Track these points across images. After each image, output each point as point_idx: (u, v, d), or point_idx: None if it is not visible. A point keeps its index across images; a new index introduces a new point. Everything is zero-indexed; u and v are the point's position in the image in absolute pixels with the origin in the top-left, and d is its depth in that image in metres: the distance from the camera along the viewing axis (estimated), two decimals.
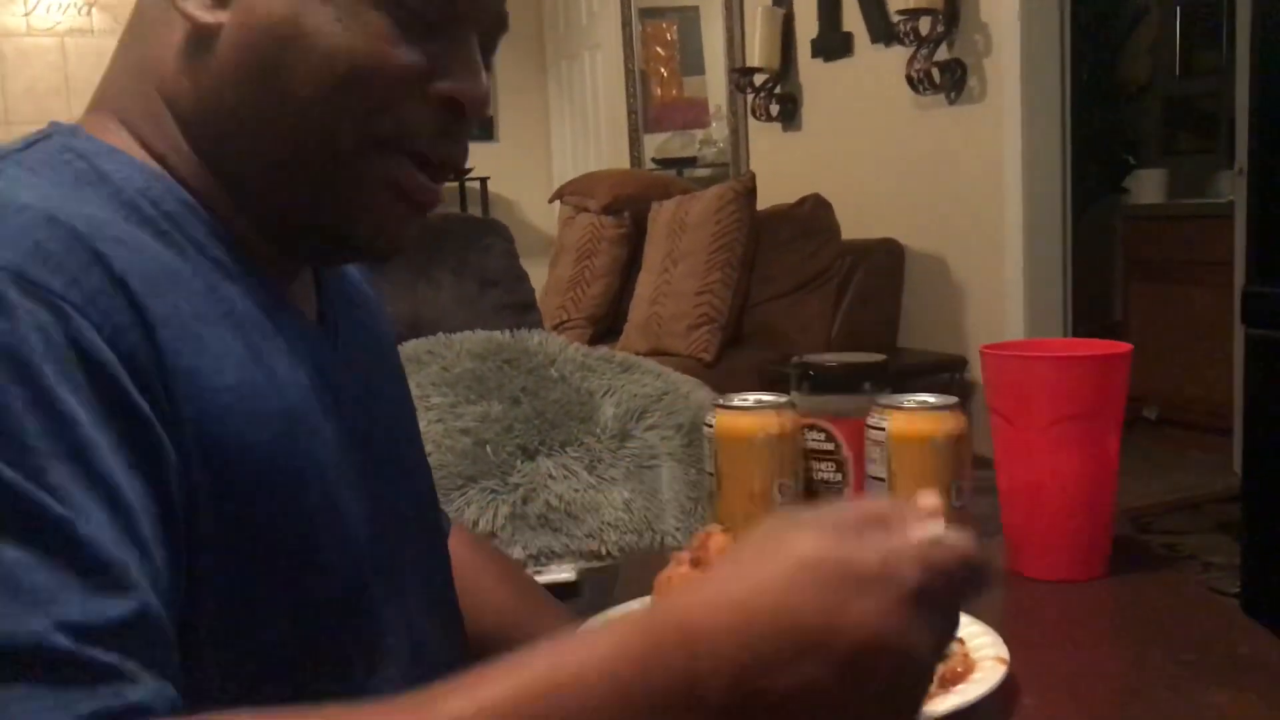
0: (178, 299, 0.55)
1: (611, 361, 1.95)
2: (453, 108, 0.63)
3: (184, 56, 0.62)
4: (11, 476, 0.45)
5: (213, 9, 0.61)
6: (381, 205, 0.63)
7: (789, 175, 3.87)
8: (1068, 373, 0.87)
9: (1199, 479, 3.78)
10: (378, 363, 0.76)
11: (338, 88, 0.60)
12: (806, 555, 0.46)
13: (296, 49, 0.60)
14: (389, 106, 0.61)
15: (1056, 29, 3.18)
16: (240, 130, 0.62)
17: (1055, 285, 3.25)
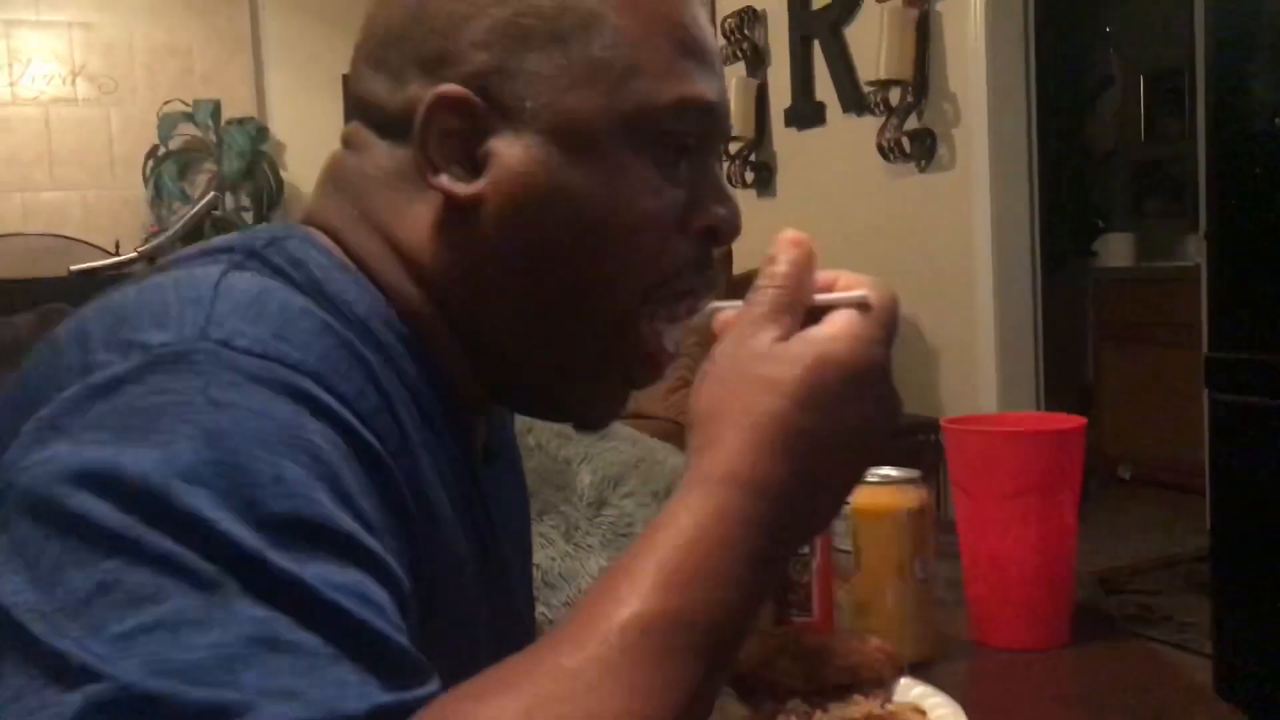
0: (408, 427, 0.56)
1: None
2: (709, 237, 0.63)
3: (438, 229, 0.60)
4: (306, 578, 0.44)
5: (468, 181, 0.59)
6: (656, 349, 0.63)
7: (764, 241, 3.90)
8: (1024, 447, 0.91)
9: (1173, 538, 3.81)
10: (518, 496, 0.76)
11: (613, 245, 0.59)
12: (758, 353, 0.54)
13: (566, 212, 0.59)
14: (663, 251, 0.60)
15: (1023, 98, 3.26)
16: (502, 299, 0.60)
17: (1027, 348, 3.30)
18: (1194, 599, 3.21)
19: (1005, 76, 3.22)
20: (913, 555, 0.89)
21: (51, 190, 5.13)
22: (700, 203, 0.62)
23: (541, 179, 0.58)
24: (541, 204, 0.59)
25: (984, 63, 3.19)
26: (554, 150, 0.58)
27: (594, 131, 0.59)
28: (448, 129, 0.59)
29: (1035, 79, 3.28)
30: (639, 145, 0.59)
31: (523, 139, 0.59)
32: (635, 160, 0.59)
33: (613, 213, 0.59)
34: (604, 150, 0.59)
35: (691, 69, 0.60)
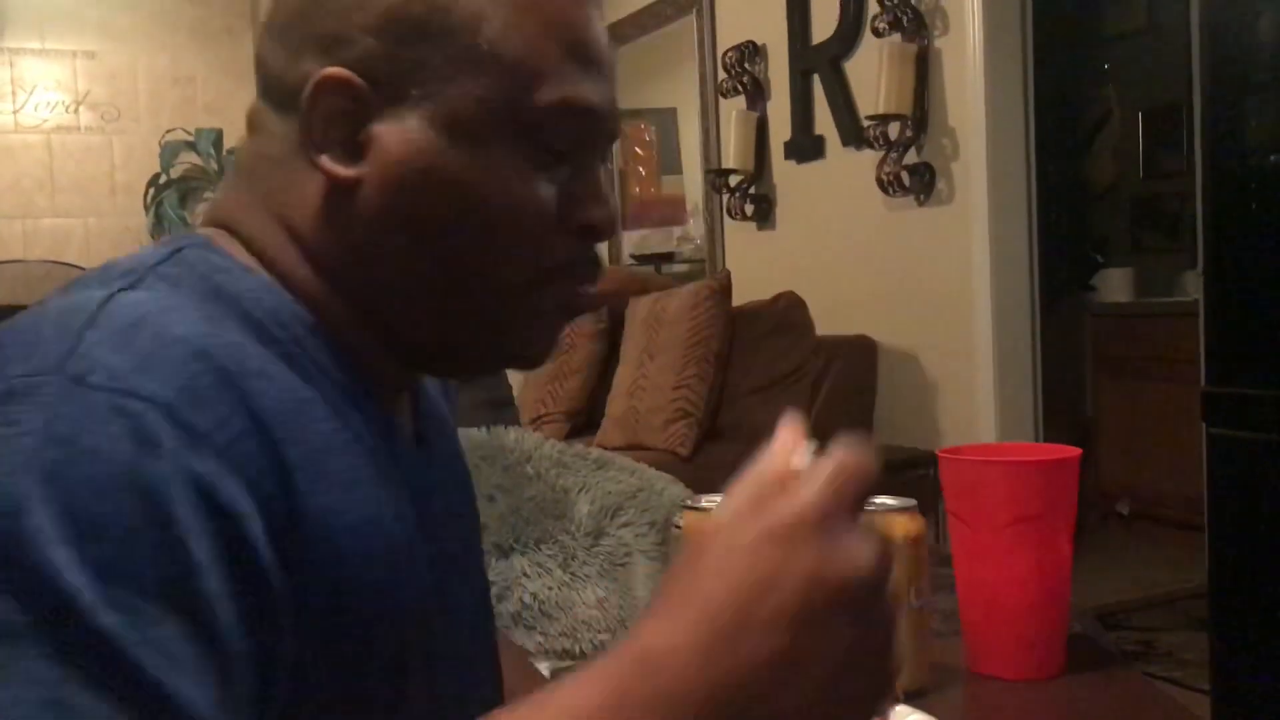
0: (309, 433, 0.55)
1: (586, 458, 1.97)
2: (588, 235, 0.65)
3: (323, 208, 0.62)
4: (114, 628, 0.43)
5: (349, 163, 0.61)
6: (543, 328, 0.66)
7: (764, 273, 3.94)
8: (1019, 477, 0.91)
9: (1172, 575, 3.80)
10: (457, 479, 0.76)
11: (492, 233, 0.61)
12: (729, 543, 0.46)
13: (445, 199, 0.60)
14: (542, 244, 0.62)
15: (1022, 133, 3.28)
16: (396, 276, 0.62)
17: (1025, 382, 3.30)
18: (1193, 635, 3.20)
19: (1004, 111, 3.24)
20: (908, 584, 0.88)
21: (53, 217, 5.15)
22: (578, 202, 0.64)
23: (420, 164, 0.60)
24: (419, 189, 0.60)
25: (983, 98, 3.21)
26: (434, 138, 0.60)
27: (474, 122, 0.60)
28: (332, 109, 0.60)
29: (1034, 114, 3.31)
30: (517, 140, 0.61)
31: (405, 124, 0.60)
32: (513, 154, 0.61)
33: (487, 201, 0.61)
34: (483, 141, 0.60)
35: (577, 72, 0.62)
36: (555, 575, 1.68)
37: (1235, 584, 2.14)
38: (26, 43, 5.16)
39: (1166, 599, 3.61)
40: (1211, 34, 2.16)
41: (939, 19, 3.34)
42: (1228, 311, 2.15)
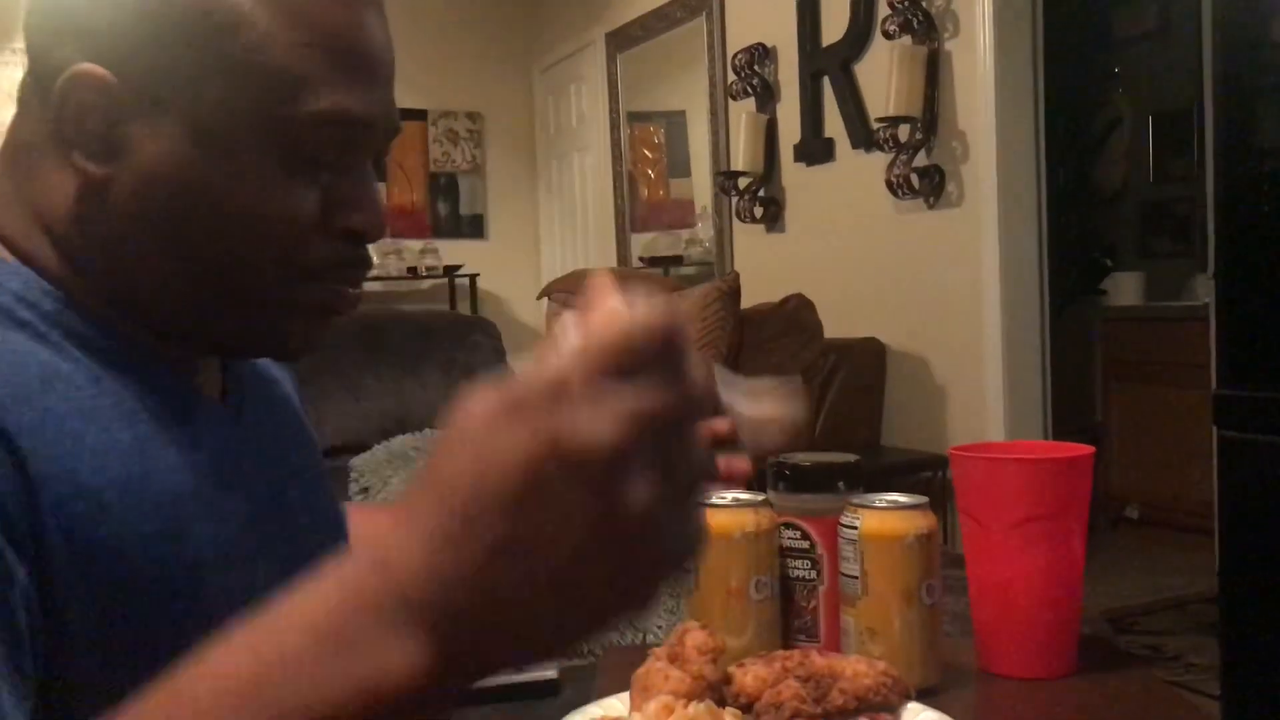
0: (52, 401, 0.56)
1: None
2: (353, 238, 0.65)
3: (73, 204, 0.62)
4: None
5: (101, 162, 0.61)
6: (301, 323, 0.66)
7: (772, 275, 3.94)
8: (1032, 475, 0.91)
9: (1182, 579, 3.79)
10: (285, 432, 0.77)
11: (243, 241, 0.62)
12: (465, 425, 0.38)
13: (195, 207, 0.61)
14: (296, 250, 0.63)
15: (1031, 136, 3.28)
16: (144, 273, 0.63)
17: (1034, 386, 3.30)
18: (1203, 640, 3.19)
19: (1014, 115, 3.24)
20: (920, 581, 0.89)
21: None
22: (341, 206, 0.64)
23: (168, 170, 0.60)
24: (169, 194, 0.61)
25: (993, 101, 3.21)
26: (186, 143, 0.60)
27: (228, 130, 0.60)
28: (85, 104, 0.60)
29: (1044, 117, 3.30)
30: (273, 148, 0.61)
31: (159, 128, 0.60)
32: (265, 161, 0.61)
33: (234, 210, 0.61)
34: (235, 149, 0.60)
35: (342, 81, 0.61)
36: None
37: (1245, 588, 2.13)
38: None
39: (1176, 603, 3.60)
40: (1223, 37, 2.16)
41: (949, 21, 3.34)
42: (1238, 315, 2.15)
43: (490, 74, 6.08)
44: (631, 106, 5.23)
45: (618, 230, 5.33)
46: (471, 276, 5.82)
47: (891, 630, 0.89)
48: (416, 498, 0.39)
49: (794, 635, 0.96)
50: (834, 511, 0.93)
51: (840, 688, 0.76)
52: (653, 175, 5.23)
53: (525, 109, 6.22)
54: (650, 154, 5.23)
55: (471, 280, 5.83)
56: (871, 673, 0.77)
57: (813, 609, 0.95)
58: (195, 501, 0.61)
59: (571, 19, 5.71)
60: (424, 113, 5.97)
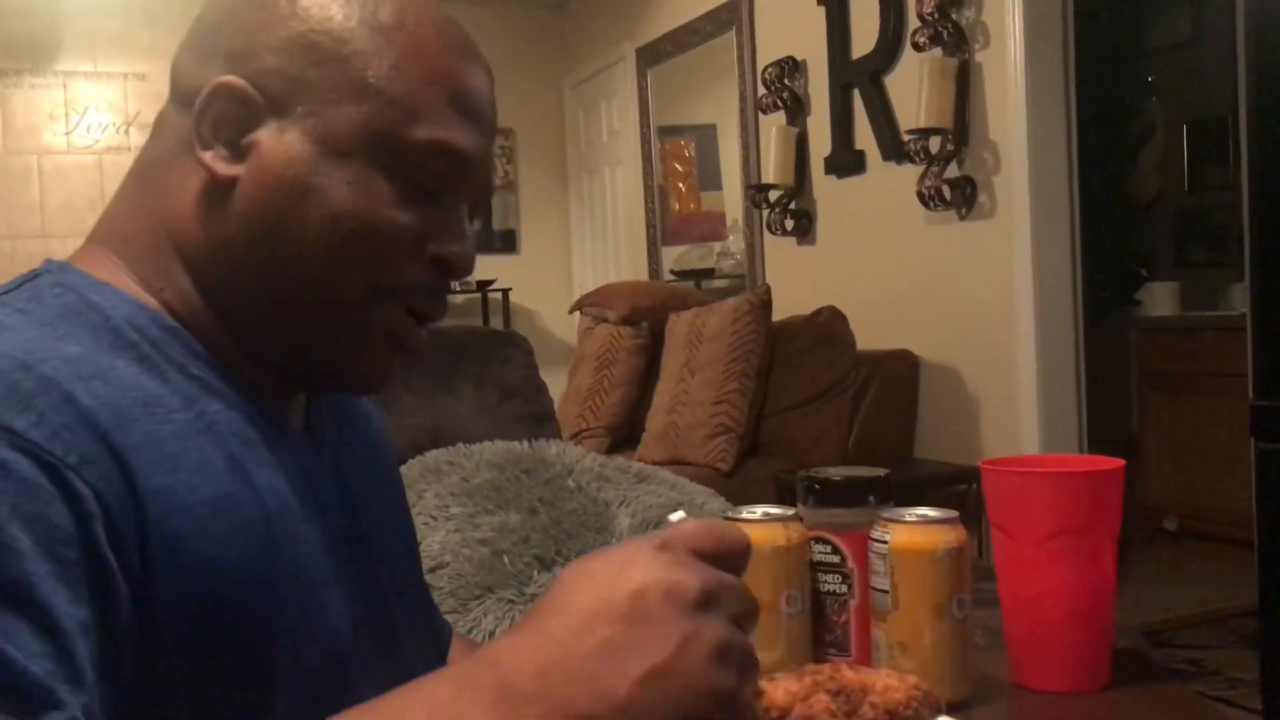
0: (153, 424, 0.60)
1: (627, 472, 1.98)
2: (441, 267, 0.69)
3: (199, 203, 0.67)
4: None
5: (230, 163, 0.66)
6: (377, 349, 0.69)
7: (804, 287, 3.94)
8: (1062, 488, 0.91)
9: (1221, 592, 3.74)
10: (368, 468, 0.80)
11: (343, 244, 0.66)
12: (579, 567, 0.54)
13: (307, 206, 0.65)
14: (389, 263, 0.67)
15: (1064, 147, 3.26)
16: (248, 276, 0.67)
17: (1069, 397, 3.27)
18: (1244, 654, 3.15)
19: (1046, 125, 3.23)
20: (951, 594, 0.89)
21: None
22: (438, 236, 0.69)
23: (290, 172, 0.66)
24: (288, 195, 0.66)
25: (1024, 111, 3.20)
26: (309, 150, 0.66)
27: (347, 142, 0.66)
28: (222, 113, 0.66)
29: (1076, 127, 3.29)
30: (388, 167, 0.67)
31: (286, 135, 0.66)
32: (380, 178, 0.66)
33: (349, 211, 0.66)
34: (355, 162, 0.66)
35: (453, 119, 0.68)
36: None
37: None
38: (79, 65, 5.27)
39: (1216, 616, 3.56)
40: (1258, 45, 2.14)
41: (980, 33, 3.33)
42: (1276, 324, 2.13)
43: (521, 90, 6.12)
44: (662, 121, 5.25)
45: (649, 244, 5.34)
46: (504, 291, 5.85)
47: (922, 644, 0.89)
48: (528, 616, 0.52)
49: (825, 649, 0.96)
50: (864, 525, 0.93)
51: (871, 701, 0.76)
52: (683, 189, 5.24)
53: (556, 124, 6.25)
54: (681, 167, 5.25)
55: (504, 295, 5.87)
56: (902, 686, 0.77)
57: (844, 623, 0.96)
58: (280, 524, 0.64)
59: (602, 35, 5.74)
60: None
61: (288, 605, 0.63)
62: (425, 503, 1.80)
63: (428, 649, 0.81)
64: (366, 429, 0.83)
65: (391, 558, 0.77)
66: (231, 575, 0.60)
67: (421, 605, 0.83)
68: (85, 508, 0.54)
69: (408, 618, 0.77)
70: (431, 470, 1.89)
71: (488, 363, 2.31)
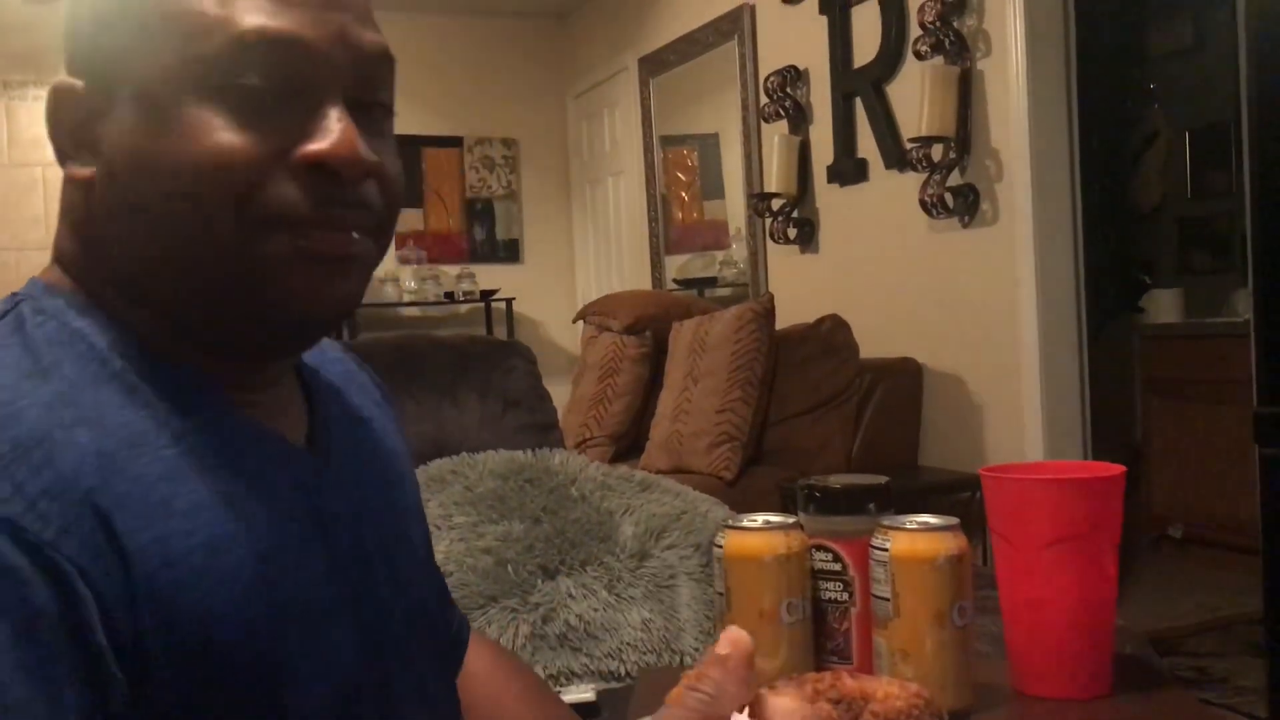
0: (142, 466, 0.57)
1: (631, 481, 1.99)
2: (324, 171, 0.62)
3: (85, 213, 0.65)
4: None
5: (86, 164, 0.63)
6: (291, 275, 0.62)
7: (807, 296, 3.94)
8: (1062, 495, 0.91)
9: (1227, 599, 3.73)
10: (377, 476, 0.76)
11: (199, 195, 0.60)
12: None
13: (152, 175, 0.61)
14: (249, 188, 0.60)
15: (1066, 154, 3.27)
16: (149, 267, 0.63)
17: (1073, 405, 3.27)
18: (1250, 661, 3.14)
19: (1048, 132, 3.23)
20: (952, 602, 0.89)
21: None
22: (295, 138, 0.61)
23: (128, 146, 0.61)
24: (133, 172, 0.61)
25: (1026, 119, 3.20)
26: (138, 119, 0.61)
27: (163, 91, 0.60)
28: (65, 117, 0.64)
29: (1078, 134, 3.29)
30: (207, 93, 0.60)
31: (118, 116, 0.62)
32: (204, 110, 0.60)
33: (188, 163, 0.60)
34: (174, 106, 0.60)
35: (259, 8, 0.60)
36: (600, 597, 1.69)
37: None
38: None
39: (1222, 624, 3.55)
40: (1260, 51, 2.14)
41: (981, 41, 3.34)
42: (1278, 330, 2.13)
43: (524, 101, 6.14)
44: (664, 130, 5.26)
45: (652, 253, 5.35)
46: (507, 301, 5.86)
47: (923, 652, 0.89)
48: None
49: (826, 657, 0.96)
50: (865, 533, 0.93)
51: (872, 710, 0.76)
52: (686, 198, 5.25)
53: (559, 135, 6.27)
54: (684, 177, 5.26)
55: (508, 304, 5.87)
56: (904, 694, 0.78)
57: (845, 631, 0.96)
58: (281, 554, 0.62)
59: (604, 45, 5.76)
60: (459, 140, 6.03)
61: (291, 643, 0.61)
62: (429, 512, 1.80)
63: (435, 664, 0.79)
64: (377, 433, 0.80)
65: (398, 573, 0.74)
66: (228, 619, 0.58)
67: (430, 617, 0.80)
68: (70, 587, 0.52)
69: (414, 632, 0.75)
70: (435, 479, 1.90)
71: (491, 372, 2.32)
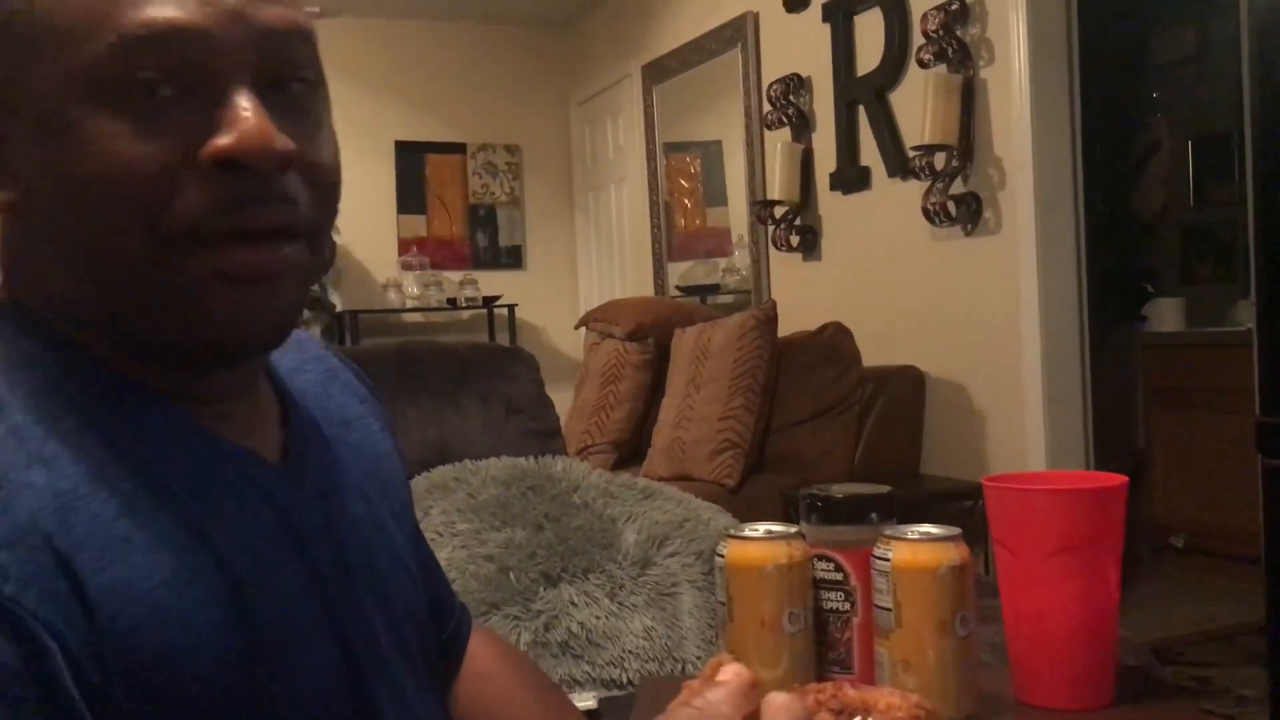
0: (98, 504, 0.55)
1: (633, 488, 1.99)
2: (232, 167, 0.57)
3: (6, 236, 0.62)
4: None
5: (4, 190, 0.60)
6: (211, 298, 0.58)
7: (809, 303, 3.95)
8: (1064, 505, 0.91)
9: (1230, 609, 3.72)
10: (360, 486, 0.73)
11: (108, 211, 0.57)
12: None
13: (56, 196, 0.58)
14: (160, 198, 0.57)
15: (1069, 163, 3.27)
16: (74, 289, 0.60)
17: (1076, 413, 3.27)
18: (1252, 671, 3.13)
19: (1050, 141, 3.23)
20: (954, 612, 0.89)
21: None
22: (200, 136, 0.57)
23: (32, 171, 0.58)
24: (41, 195, 0.58)
25: (1029, 127, 3.21)
26: (35, 140, 0.58)
27: (54, 105, 0.57)
28: None
29: (1081, 143, 3.29)
30: (100, 101, 0.56)
31: (19, 135, 0.58)
32: (100, 117, 0.56)
33: (89, 178, 0.56)
34: (67, 122, 0.56)
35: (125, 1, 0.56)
36: (603, 604, 1.69)
37: None
38: None
39: (1224, 634, 3.54)
40: (1263, 60, 2.15)
41: (984, 49, 3.34)
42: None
43: (528, 107, 6.15)
44: (668, 137, 5.27)
45: (654, 259, 5.35)
46: (510, 307, 5.86)
47: (926, 662, 0.89)
48: None
49: (828, 667, 0.96)
50: (866, 543, 0.94)
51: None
52: (689, 205, 5.25)
53: (562, 141, 6.27)
54: (686, 184, 5.26)
55: (510, 310, 5.88)
56: (905, 705, 0.77)
57: (847, 641, 0.96)
58: (253, 577, 0.59)
59: (608, 53, 5.77)
60: (462, 146, 6.04)
61: (266, 669, 0.58)
62: (431, 519, 1.80)
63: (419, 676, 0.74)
64: (361, 439, 0.77)
65: (382, 583, 0.71)
66: (200, 653, 0.55)
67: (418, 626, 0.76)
68: (36, 643, 0.50)
69: (400, 645, 0.72)
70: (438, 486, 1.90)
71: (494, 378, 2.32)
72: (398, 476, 0.81)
